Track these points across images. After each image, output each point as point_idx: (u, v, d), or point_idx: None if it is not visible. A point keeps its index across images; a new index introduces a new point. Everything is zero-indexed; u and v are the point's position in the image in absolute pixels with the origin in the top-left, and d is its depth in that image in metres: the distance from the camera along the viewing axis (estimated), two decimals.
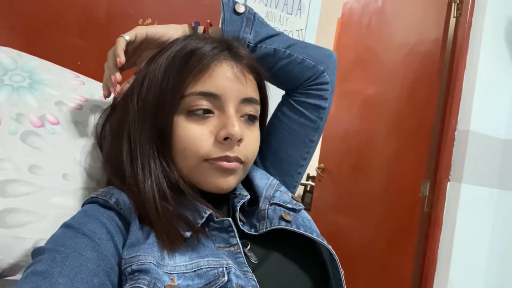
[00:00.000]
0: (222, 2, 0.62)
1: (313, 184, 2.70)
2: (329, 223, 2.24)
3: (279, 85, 0.69)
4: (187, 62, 0.52)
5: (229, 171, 0.53)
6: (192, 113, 0.52)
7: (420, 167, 1.71)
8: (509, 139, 1.68)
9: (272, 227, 0.53)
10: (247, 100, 0.54)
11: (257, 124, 0.58)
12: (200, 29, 0.64)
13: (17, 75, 0.64)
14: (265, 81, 0.61)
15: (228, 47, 0.55)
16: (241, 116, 0.54)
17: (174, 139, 0.52)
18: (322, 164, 2.38)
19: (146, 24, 1.02)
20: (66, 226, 0.46)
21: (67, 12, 0.93)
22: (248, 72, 0.56)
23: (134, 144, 0.53)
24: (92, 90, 0.72)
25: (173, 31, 0.61)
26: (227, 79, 0.53)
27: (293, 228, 0.53)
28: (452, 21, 1.70)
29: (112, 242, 0.46)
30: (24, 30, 0.88)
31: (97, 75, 0.75)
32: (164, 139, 0.53)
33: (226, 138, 0.51)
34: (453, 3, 1.70)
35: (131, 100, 0.55)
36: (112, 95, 0.61)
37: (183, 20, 0.66)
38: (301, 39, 1.18)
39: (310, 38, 1.26)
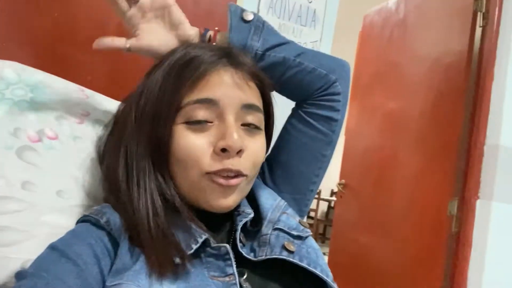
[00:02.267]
0: (229, 10, 0.59)
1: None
2: (351, 241, 2.15)
3: (288, 95, 0.65)
4: (183, 71, 0.50)
5: (229, 189, 0.50)
6: (190, 123, 0.49)
7: (447, 185, 1.62)
8: None
9: (272, 256, 0.49)
10: (248, 107, 0.51)
11: (261, 133, 0.54)
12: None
13: (19, 89, 0.63)
14: (268, 89, 0.57)
15: (227, 55, 0.52)
16: (243, 125, 0.51)
17: (172, 150, 0.50)
18: (343, 180, 2.30)
19: None
20: (51, 248, 0.44)
21: (78, 28, 0.94)
22: (249, 79, 0.53)
23: (130, 159, 0.51)
24: (96, 104, 0.70)
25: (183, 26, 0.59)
26: (225, 85, 0.50)
27: (295, 260, 0.49)
28: (478, 31, 1.63)
29: (97, 266, 0.43)
30: (34, 45, 0.89)
31: (106, 91, 0.74)
32: (161, 153, 0.50)
33: (224, 150, 0.48)
34: (479, 13, 1.63)
35: (129, 115, 0.53)
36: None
37: None
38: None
39: (325, 50, 1.23)
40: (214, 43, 0.59)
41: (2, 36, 0.88)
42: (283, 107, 0.64)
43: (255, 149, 0.52)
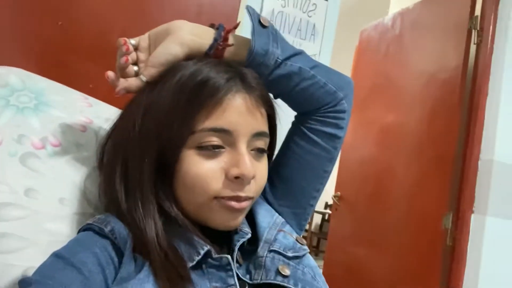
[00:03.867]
0: (249, 12, 0.56)
1: (330, 212, 2.65)
2: (346, 253, 2.15)
3: (293, 106, 0.64)
4: (198, 94, 0.48)
5: (239, 211, 0.51)
6: (202, 148, 0.48)
7: (442, 199, 1.63)
8: None
9: (267, 281, 0.50)
10: (258, 134, 0.52)
11: (265, 155, 0.55)
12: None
13: (24, 96, 0.64)
14: (275, 113, 0.57)
15: (240, 77, 0.51)
16: (251, 150, 0.52)
17: (180, 174, 0.49)
18: (339, 193, 2.31)
19: None
20: (56, 255, 0.44)
21: (82, 36, 0.95)
22: (260, 105, 0.53)
23: (131, 176, 0.50)
24: (99, 112, 0.71)
25: (187, 49, 0.53)
26: (240, 114, 0.49)
27: (290, 285, 0.50)
28: (472, 48, 1.67)
29: (102, 275, 0.43)
30: (38, 52, 0.90)
31: (108, 98, 0.74)
32: (165, 173, 0.50)
33: (237, 177, 0.49)
34: (473, 30, 1.67)
35: (130, 127, 0.51)
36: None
37: None
38: None
39: (324, 63, 1.24)
40: (227, 44, 0.55)
41: (7, 43, 0.89)
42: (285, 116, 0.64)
43: (262, 173, 0.53)
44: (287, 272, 0.51)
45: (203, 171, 0.48)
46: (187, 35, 0.53)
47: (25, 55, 0.90)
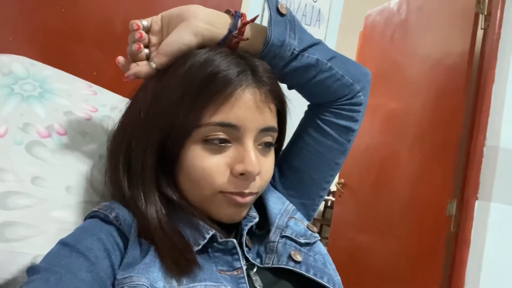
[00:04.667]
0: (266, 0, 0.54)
1: (333, 199, 2.67)
2: (349, 240, 2.16)
3: (308, 97, 0.63)
4: (207, 86, 0.47)
5: (243, 205, 0.51)
6: (207, 142, 0.48)
7: (446, 185, 1.63)
8: None
9: (279, 265, 0.50)
10: (266, 130, 0.51)
11: (272, 149, 0.54)
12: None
13: (28, 84, 0.64)
14: (286, 108, 0.56)
15: (252, 71, 0.50)
16: (258, 145, 0.51)
17: (185, 167, 0.49)
18: (343, 179, 2.31)
19: None
20: (62, 243, 0.45)
21: (85, 23, 0.94)
22: (270, 100, 0.51)
23: (133, 166, 0.50)
24: (104, 100, 0.70)
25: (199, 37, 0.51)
26: (248, 109, 0.48)
27: (302, 271, 0.50)
28: (480, 33, 1.64)
29: (108, 260, 0.44)
30: (41, 40, 0.89)
31: (112, 86, 0.74)
32: (169, 163, 0.50)
33: (242, 174, 0.48)
34: (481, 15, 1.64)
35: (136, 115, 0.51)
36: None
37: None
38: None
39: None
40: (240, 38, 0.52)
41: (9, 31, 0.88)
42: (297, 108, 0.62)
43: (268, 168, 0.53)
44: (299, 258, 0.51)
45: (209, 166, 0.48)
46: (202, 24, 0.51)
47: (28, 42, 0.90)
